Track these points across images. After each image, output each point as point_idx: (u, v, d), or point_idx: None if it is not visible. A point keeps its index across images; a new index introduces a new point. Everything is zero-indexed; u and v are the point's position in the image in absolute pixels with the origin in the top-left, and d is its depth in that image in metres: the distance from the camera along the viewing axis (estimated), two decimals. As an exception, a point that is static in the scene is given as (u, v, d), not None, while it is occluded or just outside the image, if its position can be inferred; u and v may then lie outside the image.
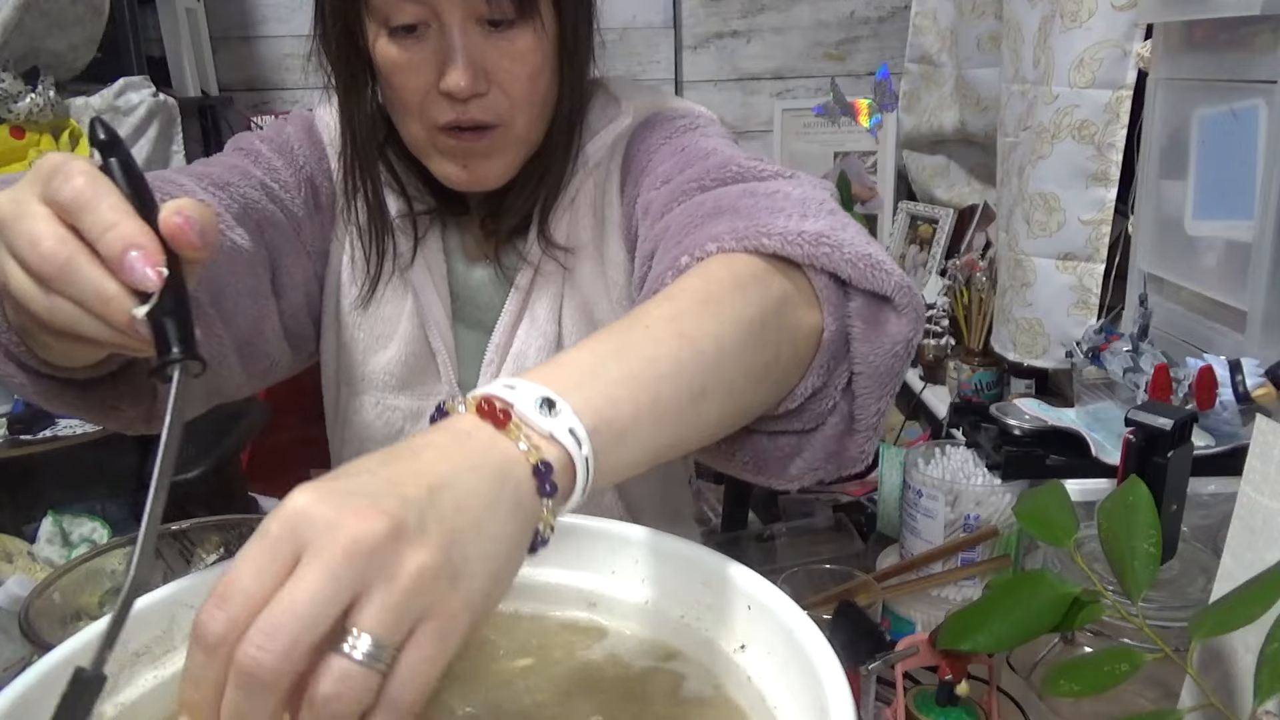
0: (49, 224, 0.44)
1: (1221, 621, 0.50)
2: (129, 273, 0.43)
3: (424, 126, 0.80)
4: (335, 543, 0.34)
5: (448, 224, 0.92)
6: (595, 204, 0.89)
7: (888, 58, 2.55)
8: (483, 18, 0.75)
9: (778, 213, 0.62)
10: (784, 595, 0.49)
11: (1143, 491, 0.59)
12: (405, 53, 0.76)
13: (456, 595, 0.36)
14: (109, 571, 0.72)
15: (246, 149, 0.87)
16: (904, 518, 0.93)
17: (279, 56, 2.62)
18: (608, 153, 0.88)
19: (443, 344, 0.91)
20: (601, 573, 0.57)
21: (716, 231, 0.61)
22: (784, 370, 0.58)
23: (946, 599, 0.88)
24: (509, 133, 0.80)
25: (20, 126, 1.94)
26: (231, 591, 0.34)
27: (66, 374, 0.67)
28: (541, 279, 0.90)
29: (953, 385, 2.05)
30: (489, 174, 0.83)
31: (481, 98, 0.77)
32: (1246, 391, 1.09)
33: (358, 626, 0.34)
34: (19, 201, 0.45)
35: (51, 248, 0.44)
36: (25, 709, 0.44)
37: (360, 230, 0.89)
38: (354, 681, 0.34)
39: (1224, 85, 1.27)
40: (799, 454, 0.64)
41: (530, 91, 0.78)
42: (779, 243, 0.58)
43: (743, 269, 0.57)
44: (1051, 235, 1.64)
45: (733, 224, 0.61)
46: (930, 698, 0.61)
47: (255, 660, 0.33)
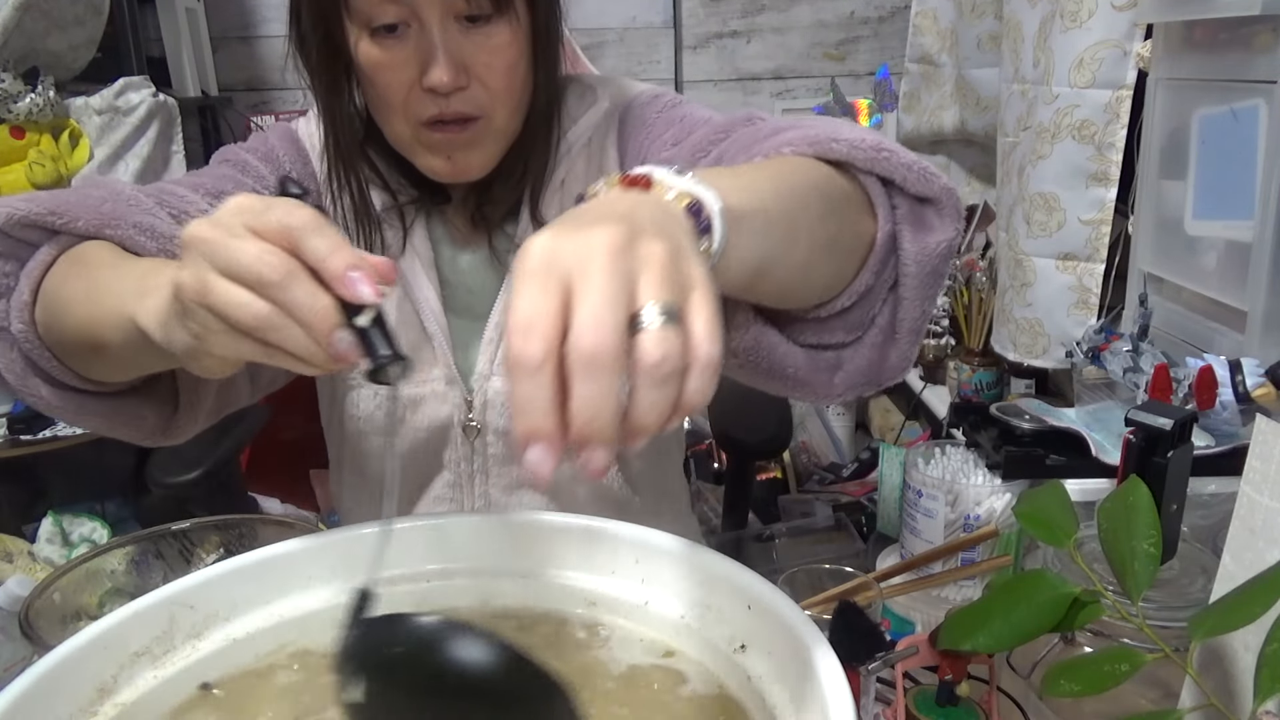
0: (265, 244, 0.48)
1: (1221, 621, 0.50)
2: (351, 286, 0.47)
3: (408, 123, 0.83)
4: (598, 252, 0.39)
5: (432, 214, 0.95)
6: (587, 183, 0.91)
7: (888, 58, 2.55)
8: (461, 14, 0.78)
9: (835, 126, 0.66)
10: (784, 595, 0.49)
11: (1143, 491, 0.59)
12: (387, 52, 0.79)
13: (696, 269, 0.42)
14: (109, 571, 0.72)
15: (233, 160, 0.90)
16: (904, 518, 0.93)
17: (279, 56, 2.61)
18: (597, 133, 0.92)
19: (438, 328, 0.93)
20: (601, 573, 0.57)
21: (786, 139, 0.66)
22: (846, 254, 0.64)
23: (946, 599, 0.88)
24: (490, 124, 0.84)
25: (20, 126, 1.94)
26: (528, 321, 0.38)
27: (96, 387, 0.70)
28: None
29: (953, 385, 2.05)
30: (472, 165, 0.86)
31: (463, 91, 0.80)
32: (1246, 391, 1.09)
33: (646, 301, 0.39)
34: (227, 227, 0.49)
35: (279, 260, 0.47)
36: (25, 709, 0.44)
37: (347, 227, 0.91)
38: (669, 341, 0.38)
39: (1224, 85, 1.27)
40: (840, 367, 0.70)
41: (508, 84, 0.82)
42: (845, 148, 0.63)
43: (814, 166, 0.64)
44: (1051, 235, 1.64)
45: (799, 133, 0.66)
46: (930, 698, 0.61)
47: (596, 347, 0.37)
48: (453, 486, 0.93)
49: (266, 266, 0.47)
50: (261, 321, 0.47)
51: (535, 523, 0.60)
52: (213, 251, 0.49)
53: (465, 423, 0.94)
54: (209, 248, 0.49)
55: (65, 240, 0.70)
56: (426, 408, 0.93)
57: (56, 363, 0.69)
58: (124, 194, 0.74)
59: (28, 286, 0.68)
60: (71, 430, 1.98)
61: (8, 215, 0.68)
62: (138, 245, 0.70)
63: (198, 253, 0.49)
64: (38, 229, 0.70)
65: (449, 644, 0.43)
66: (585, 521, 0.59)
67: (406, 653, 0.44)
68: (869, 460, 2.26)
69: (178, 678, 0.51)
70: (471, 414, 0.94)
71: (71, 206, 0.70)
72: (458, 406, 0.94)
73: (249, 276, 0.47)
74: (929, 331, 2.18)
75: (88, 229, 0.69)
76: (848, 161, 0.64)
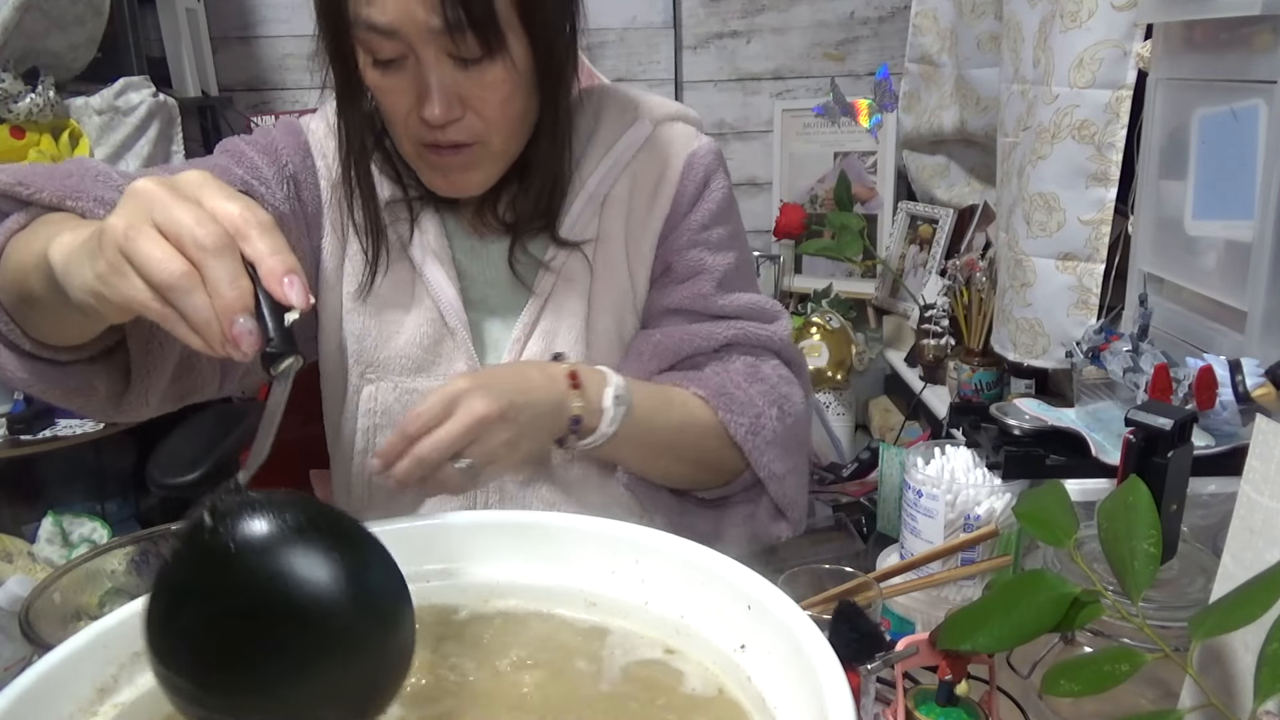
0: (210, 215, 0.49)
1: (1221, 621, 0.50)
2: (288, 288, 0.48)
3: (410, 142, 0.87)
4: (470, 413, 0.76)
5: (444, 209, 0.96)
6: (630, 202, 0.97)
7: (888, 58, 2.55)
8: (454, 54, 0.80)
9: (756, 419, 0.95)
10: (784, 595, 0.49)
11: (1143, 491, 0.59)
12: (388, 80, 0.82)
13: (516, 453, 0.81)
14: (109, 571, 0.72)
15: (231, 150, 0.92)
16: (904, 518, 0.93)
17: (279, 56, 2.62)
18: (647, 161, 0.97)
19: (459, 323, 0.94)
20: (601, 573, 0.57)
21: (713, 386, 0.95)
22: (706, 477, 0.98)
23: (946, 599, 0.88)
24: (486, 149, 0.86)
25: (20, 126, 1.94)
26: (414, 425, 0.76)
27: (51, 354, 0.72)
28: (565, 273, 0.96)
29: (953, 385, 2.05)
30: (469, 184, 0.90)
31: (457, 122, 0.83)
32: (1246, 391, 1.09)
33: (466, 454, 0.77)
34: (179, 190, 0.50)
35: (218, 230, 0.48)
36: (25, 709, 0.44)
37: (355, 224, 0.93)
38: (456, 477, 0.78)
39: (1224, 85, 1.27)
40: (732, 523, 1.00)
41: (503, 114, 0.84)
42: (743, 438, 0.94)
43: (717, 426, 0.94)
44: (1051, 235, 1.64)
45: (729, 399, 0.94)
46: (930, 698, 0.61)
47: (420, 461, 0.76)
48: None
49: (204, 231, 0.48)
50: (174, 280, 0.48)
51: (536, 522, 0.60)
52: (154, 204, 0.49)
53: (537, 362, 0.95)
54: (152, 200, 0.49)
55: (34, 211, 0.72)
56: None
57: (14, 325, 0.70)
58: (92, 169, 0.76)
59: None
60: (71, 430, 1.98)
61: None
62: (96, 217, 0.71)
63: (138, 202, 0.50)
64: (7, 199, 0.71)
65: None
66: (585, 521, 0.59)
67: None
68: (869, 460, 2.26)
69: (178, 678, 0.51)
70: None
71: (38, 178, 0.72)
72: None
73: (184, 235, 0.48)
74: (929, 332, 2.18)
75: (52, 199, 0.71)
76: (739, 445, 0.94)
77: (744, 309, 1.00)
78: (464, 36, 0.77)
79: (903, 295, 2.51)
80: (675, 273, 0.99)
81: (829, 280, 2.59)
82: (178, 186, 0.50)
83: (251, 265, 0.49)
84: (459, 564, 0.59)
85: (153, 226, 0.49)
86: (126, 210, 0.50)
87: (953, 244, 2.39)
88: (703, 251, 0.98)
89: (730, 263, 0.99)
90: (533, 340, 0.95)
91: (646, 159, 0.97)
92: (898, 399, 2.51)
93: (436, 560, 0.59)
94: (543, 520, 0.60)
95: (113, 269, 0.50)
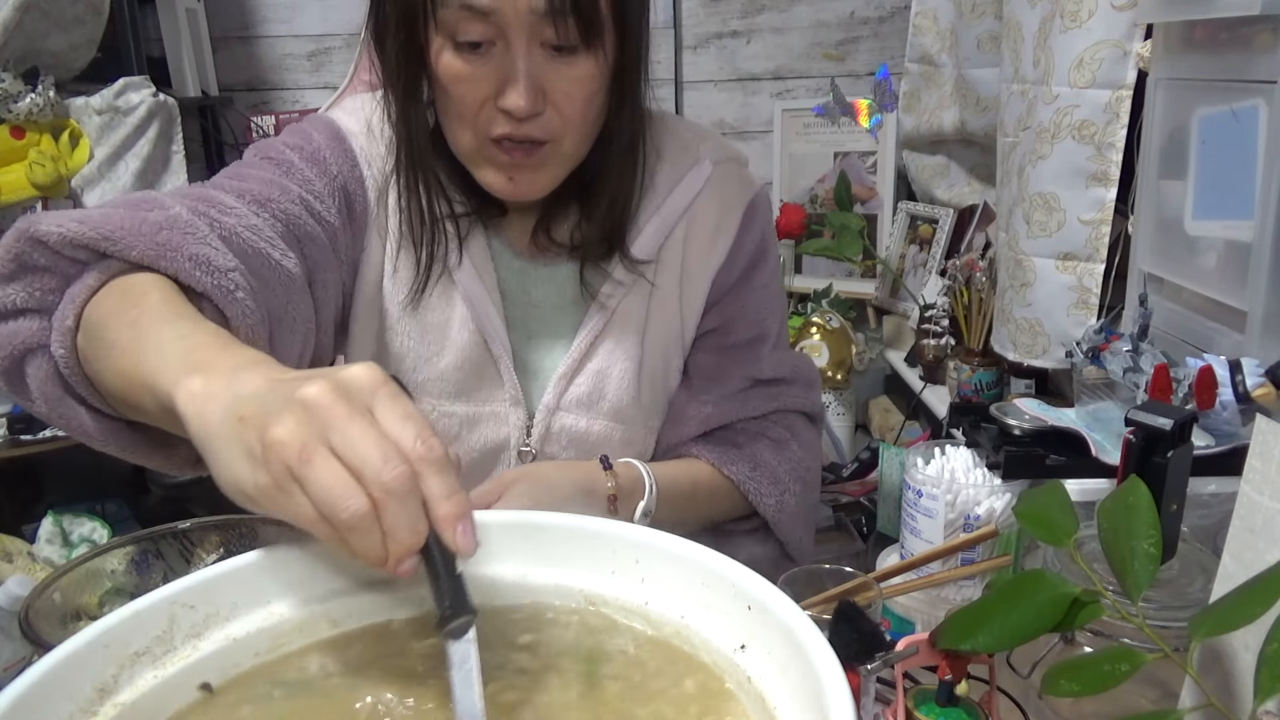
0: (391, 446, 0.45)
1: (1221, 621, 0.50)
2: (461, 535, 0.46)
3: (476, 136, 0.82)
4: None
5: (490, 228, 0.93)
6: (686, 241, 0.95)
7: (888, 58, 2.55)
8: (548, 42, 0.77)
9: (782, 495, 0.98)
10: (784, 595, 0.49)
11: (1143, 491, 0.59)
12: (468, 66, 0.78)
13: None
14: (109, 571, 0.72)
15: (276, 159, 0.86)
16: (904, 518, 0.93)
17: (279, 56, 2.62)
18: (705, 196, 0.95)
19: (503, 350, 0.91)
20: (601, 573, 0.57)
21: (740, 459, 0.97)
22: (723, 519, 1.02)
23: (946, 599, 0.88)
24: (557, 150, 0.83)
25: (20, 126, 1.94)
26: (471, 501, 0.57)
27: (131, 418, 0.67)
28: (628, 299, 0.93)
29: (953, 385, 2.05)
30: (533, 186, 0.85)
31: (537, 116, 0.79)
32: (1246, 391, 1.09)
33: None
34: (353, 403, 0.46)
35: (405, 473, 0.44)
36: (25, 709, 0.44)
37: (411, 230, 0.89)
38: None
39: (1224, 85, 1.27)
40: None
41: (584, 113, 0.81)
42: (770, 512, 0.98)
43: (742, 502, 0.98)
44: (1051, 235, 1.64)
45: (757, 478, 0.97)
46: (930, 698, 0.61)
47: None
48: None
49: (390, 473, 0.44)
50: (354, 521, 0.44)
51: (536, 522, 0.60)
52: (330, 422, 0.45)
53: (520, 447, 0.92)
54: (328, 419, 0.45)
55: (115, 265, 0.66)
56: (484, 428, 0.92)
57: (94, 393, 0.66)
58: (179, 219, 0.69)
59: (71, 311, 0.65)
60: (71, 430, 1.97)
61: (60, 235, 0.64)
62: (193, 280, 0.66)
63: (312, 416, 0.45)
64: (87, 250, 0.66)
65: None
66: (585, 522, 0.59)
67: None
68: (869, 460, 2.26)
69: (178, 678, 0.51)
70: (529, 440, 0.93)
71: (127, 233, 0.65)
72: (517, 429, 0.92)
73: (366, 472, 0.44)
74: (929, 332, 2.18)
75: (141, 258, 0.65)
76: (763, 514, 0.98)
77: (789, 373, 1.01)
78: (565, 22, 0.74)
79: (903, 295, 2.51)
80: (736, 332, 0.98)
81: (829, 280, 2.59)
82: (352, 397, 0.46)
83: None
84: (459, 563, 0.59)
85: (329, 450, 0.44)
86: (299, 424, 0.45)
87: (953, 244, 2.39)
88: (764, 312, 0.99)
89: (782, 320, 1.01)
90: (581, 378, 0.93)
91: (706, 199, 0.94)
92: (898, 399, 2.51)
93: (436, 560, 0.59)
94: (543, 520, 0.60)
95: (279, 488, 0.45)
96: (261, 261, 0.74)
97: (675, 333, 0.96)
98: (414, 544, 0.45)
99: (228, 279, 0.68)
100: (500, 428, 0.92)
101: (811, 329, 2.39)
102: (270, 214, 0.79)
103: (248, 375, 0.49)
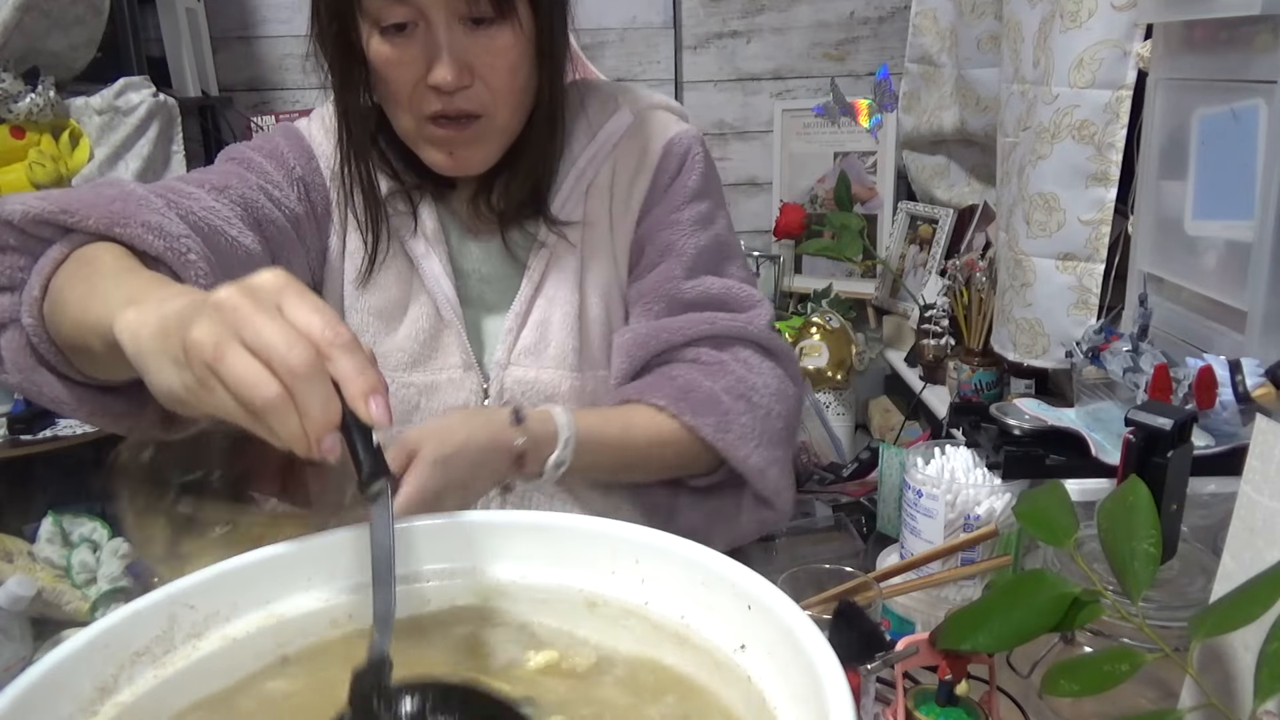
0: (296, 332, 0.49)
1: (1221, 621, 0.50)
2: (374, 408, 0.49)
3: (413, 117, 0.87)
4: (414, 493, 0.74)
5: (440, 204, 0.97)
6: (612, 187, 0.98)
7: (888, 58, 2.55)
8: (465, 16, 0.82)
9: (723, 416, 0.92)
10: (784, 595, 0.49)
11: (1143, 491, 0.59)
12: (395, 50, 0.83)
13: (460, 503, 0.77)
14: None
15: (238, 158, 0.93)
16: (904, 518, 0.93)
17: (279, 56, 2.62)
18: (628, 149, 0.98)
19: (454, 315, 0.95)
20: (601, 573, 0.57)
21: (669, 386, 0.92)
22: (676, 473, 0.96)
23: (946, 599, 0.88)
24: (491, 123, 0.87)
25: (20, 126, 1.94)
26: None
27: (98, 382, 0.73)
28: (557, 253, 0.97)
29: (953, 385, 2.05)
30: (473, 160, 0.90)
31: (466, 90, 0.84)
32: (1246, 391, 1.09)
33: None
34: (260, 300, 0.50)
35: (309, 354, 0.48)
36: (25, 709, 0.44)
37: (355, 211, 0.94)
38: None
39: (1224, 85, 1.27)
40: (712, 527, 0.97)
41: (510, 84, 0.86)
42: (711, 436, 0.91)
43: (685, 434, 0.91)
44: (1051, 235, 1.64)
45: (692, 402, 0.91)
46: (930, 698, 0.61)
47: None
48: None
49: (296, 357, 0.48)
50: (269, 405, 0.48)
51: (535, 522, 0.60)
52: (240, 319, 0.49)
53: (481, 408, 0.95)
54: (238, 316, 0.49)
55: (78, 238, 0.72)
56: (443, 394, 0.96)
57: (62, 358, 0.71)
58: (134, 193, 0.76)
59: (38, 282, 0.70)
60: (71, 430, 1.97)
61: (23, 212, 0.70)
62: (146, 244, 0.72)
63: (223, 316, 0.49)
64: (51, 226, 0.71)
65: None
66: (585, 522, 0.59)
67: None
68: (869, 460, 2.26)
69: (178, 678, 0.51)
70: (488, 400, 0.96)
71: (84, 205, 0.71)
72: (474, 392, 0.96)
73: (274, 358, 0.48)
74: (929, 332, 2.18)
75: (98, 227, 0.71)
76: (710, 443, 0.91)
77: (715, 298, 0.97)
78: None
79: (903, 295, 2.51)
80: (647, 257, 0.98)
81: (829, 280, 2.59)
82: (260, 296, 0.50)
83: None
84: (459, 563, 0.59)
85: (241, 345, 0.48)
86: (212, 324, 0.49)
87: (953, 244, 2.39)
88: (673, 233, 0.96)
89: (703, 244, 0.97)
90: (526, 331, 0.96)
91: (628, 145, 0.98)
92: (898, 399, 2.51)
93: (437, 560, 0.59)
94: (543, 520, 0.60)
95: (201, 384, 0.50)
96: (219, 239, 0.81)
97: (612, 278, 0.98)
98: (327, 420, 0.48)
99: (180, 244, 0.73)
100: (457, 393, 0.96)
101: (811, 329, 2.39)
102: (228, 199, 0.86)
103: (175, 300, 0.55)
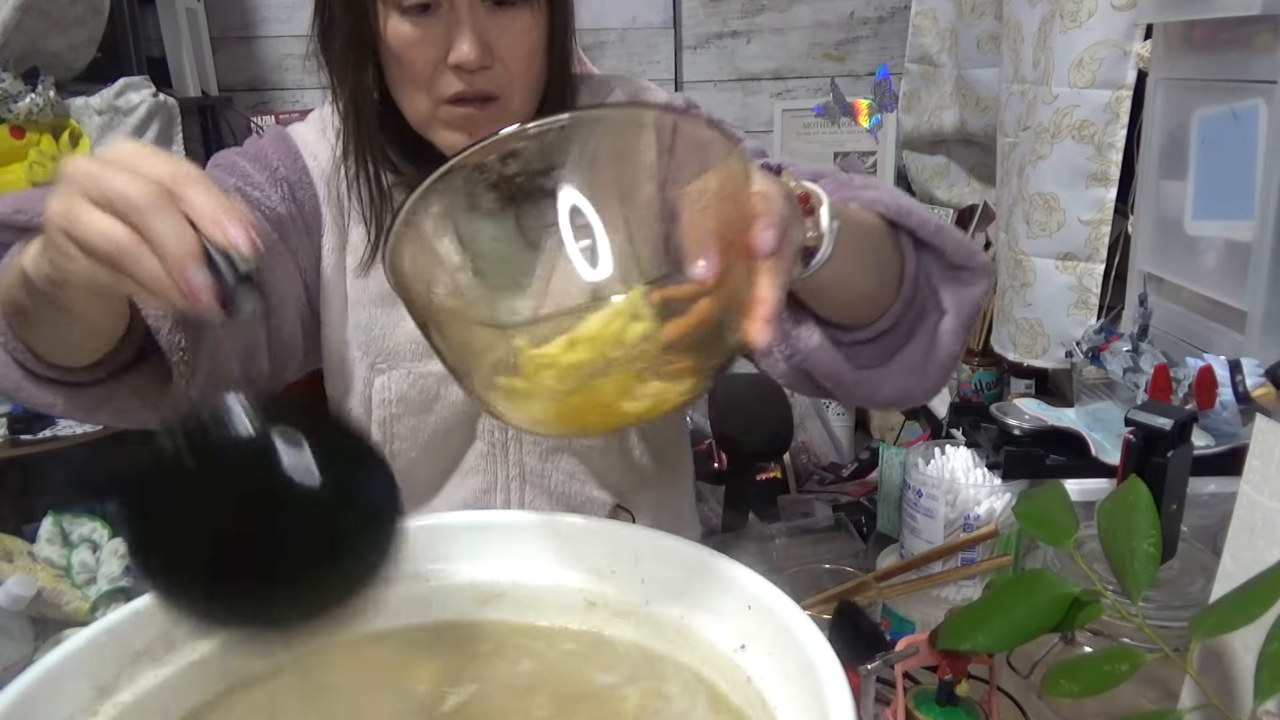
0: (141, 176, 0.48)
1: (1221, 621, 0.50)
2: (231, 233, 0.47)
3: (431, 99, 0.87)
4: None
5: None
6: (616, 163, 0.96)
7: (888, 58, 2.55)
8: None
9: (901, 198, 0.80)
10: (784, 595, 0.49)
11: (1143, 491, 0.59)
12: (417, 29, 0.83)
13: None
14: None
15: (221, 164, 0.93)
16: (904, 518, 0.93)
17: (279, 56, 2.62)
18: None
19: None
20: (601, 573, 0.57)
21: (871, 197, 0.79)
22: (884, 290, 0.79)
23: (946, 599, 0.88)
24: (507, 106, 0.87)
25: (20, 126, 1.94)
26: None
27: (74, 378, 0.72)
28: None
29: (952, 385, 2.05)
30: None
31: (486, 70, 0.85)
32: (1246, 391, 1.09)
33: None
34: (109, 162, 0.49)
35: (150, 188, 0.48)
36: (25, 709, 0.44)
37: (360, 204, 0.93)
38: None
39: (1224, 85, 1.27)
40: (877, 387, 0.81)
41: (528, 67, 0.87)
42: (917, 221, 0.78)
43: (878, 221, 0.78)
44: (1051, 235, 1.64)
45: (876, 194, 0.79)
46: (930, 698, 0.61)
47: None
48: (485, 457, 0.94)
49: (135, 192, 0.47)
50: (119, 248, 0.48)
51: (535, 522, 0.60)
52: (86, 179, 0.49)
53: None
54: (84, 176, 0.49)
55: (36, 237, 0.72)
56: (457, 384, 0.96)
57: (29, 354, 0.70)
58: None
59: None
60: (71, 430, 1.97)
61: None
62: None
63: (72, 182, 0.49)
64: (8, 229, 0.71)
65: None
66: (585, 521, 0.59)
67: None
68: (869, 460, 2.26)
69: (178, 678, 0.51)
70: None
71: (35, 200, 0.71)
72: None
73: (118, 202, 0.48)
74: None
75: None
76: (912, 230, 0.79)
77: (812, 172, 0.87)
78: None
79: (903, 295, 2.50)
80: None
81: (829, 280, 2.59)
82: (109, 159, 0.50)
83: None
84: (459, 564, 0.59)
85: (87, 201, 0.49)
86: (61, 191, 0.50)
87: (953, 244, 2.39)
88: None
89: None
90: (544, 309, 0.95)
91: None
92: (897, 399, 2.51)
93: (437, 560, 0.59)
94: (542, 520, 0.60)
95: (60, 252, 0.50)
96: None
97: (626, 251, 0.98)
98: (184, 252, 0.47)
99: None
100: None
101: (811, 329, 2.38)
102: None
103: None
